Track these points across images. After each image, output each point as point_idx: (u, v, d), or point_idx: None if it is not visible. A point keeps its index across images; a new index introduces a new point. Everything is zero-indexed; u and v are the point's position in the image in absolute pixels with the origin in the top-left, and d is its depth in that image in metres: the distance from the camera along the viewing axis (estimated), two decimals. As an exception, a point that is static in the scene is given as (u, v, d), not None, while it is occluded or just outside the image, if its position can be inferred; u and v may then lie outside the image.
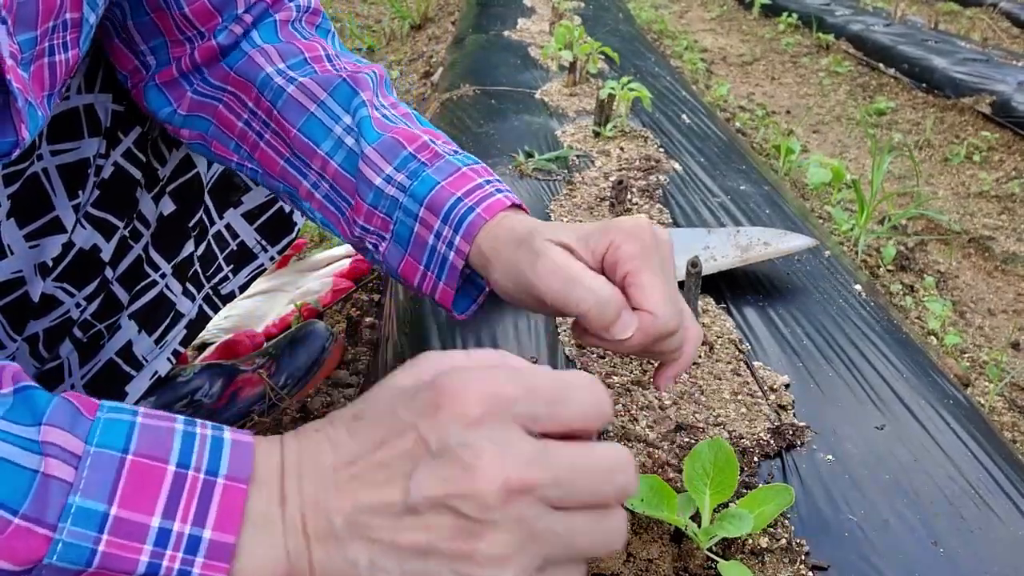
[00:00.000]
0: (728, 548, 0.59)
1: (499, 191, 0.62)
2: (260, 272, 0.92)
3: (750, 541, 0.59)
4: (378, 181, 0.62)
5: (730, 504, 0.58)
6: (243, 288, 0.91)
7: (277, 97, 0.65)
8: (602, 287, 0.53)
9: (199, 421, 0.39)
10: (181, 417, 0.39)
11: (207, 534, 0.35)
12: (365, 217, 0.64)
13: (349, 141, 0.64)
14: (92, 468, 0.34)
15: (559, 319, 0.86)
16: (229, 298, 0.90)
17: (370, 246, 0.65)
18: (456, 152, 0.65)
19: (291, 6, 0.70)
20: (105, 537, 0.34)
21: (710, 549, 0.57)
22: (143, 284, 0.78)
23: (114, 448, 0.35)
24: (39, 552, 0.33)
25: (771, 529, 0.60)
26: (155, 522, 0.34)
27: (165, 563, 0.34)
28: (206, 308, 0.87)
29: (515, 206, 0.61)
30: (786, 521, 0.62)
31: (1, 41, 0.44)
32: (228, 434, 0.38)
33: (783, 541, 0.59)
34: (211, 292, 0.87)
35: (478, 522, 0.34)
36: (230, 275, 0.89)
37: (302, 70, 0.66)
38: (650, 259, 0.54)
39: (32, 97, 0.49)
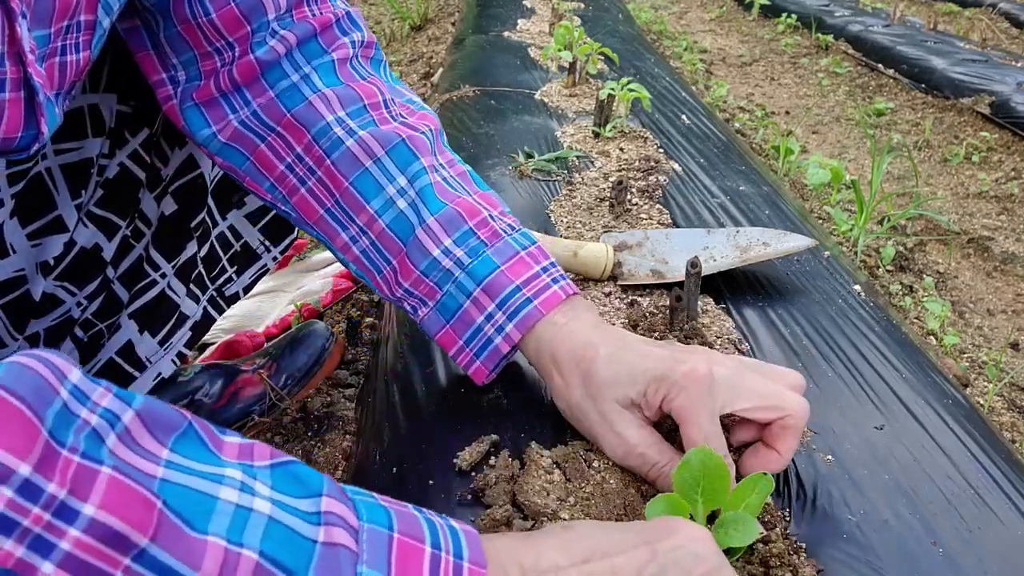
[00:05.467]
0: (727, 550, 0.59)
1: (555, 281, 0.65)
2: (264, 273, 0.92)
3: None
4: (436, 252, 0.64)
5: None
6: (247, 289, 0.91)
7: (334, 148, 0.65)
8: (668, 466, 0.59)
9: (425, 509, 0.43)
10: (409, 504, 0.42)
11: None
12: (413, 282, 0.65)
13: (401, 203, 0.65)
14: (369, 542, 0.37)
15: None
16: (234, 300, 0.90)
17: (408, 307, 0.67)
18: (512, 229, 0.67)
19: (346, 42, 0.69)
20: None
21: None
22: (143, 284, 0.78)
23: (382, 526, 0.38)
24: None
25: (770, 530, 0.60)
26: None
27: None
28: (211, 310, 0.87)
29: (571, 296, 0.65)
30: (785, 520, 0.62)
31: (23, 35, 0.44)
32: (455, 523, 0.42)
33: (780, 542, 0.59)
34: (215, 294, 0.87)
35: None
36: (234, 276, 0.89)
37: (361, 119, 0.66)
38: (699, 412, 0.57)
39: (50, 93, 0.50)
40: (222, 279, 0.88)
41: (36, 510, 0.28)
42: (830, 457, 0.68)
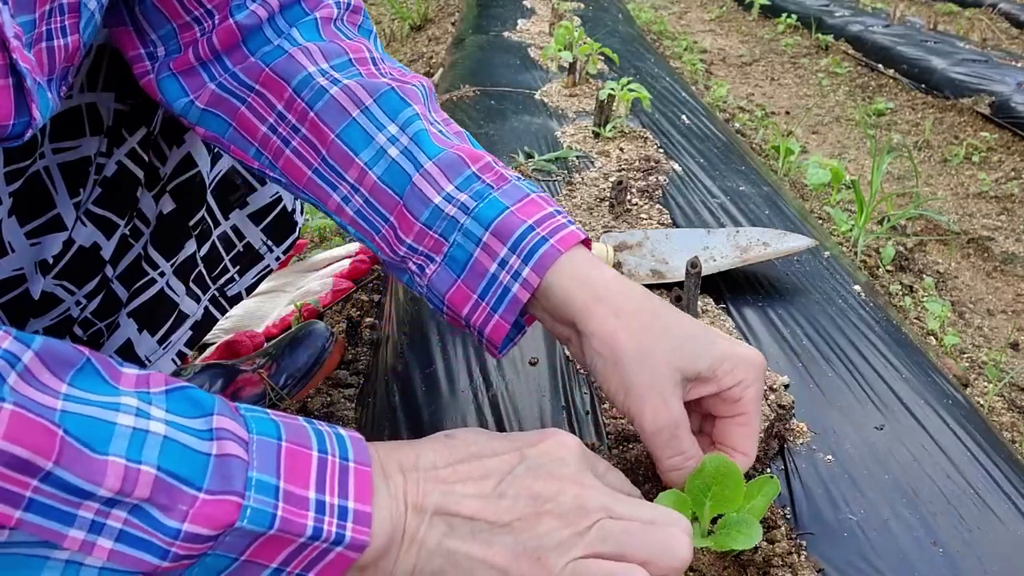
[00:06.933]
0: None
1: (571, 222, 0.59)
2: (267, 273, 0.92)
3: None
4: (437, 199, 0.58)
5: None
6: (250, 290, 0.91)
7: (317, 98, 0.60)
8: (694, 459, 0.57)
9: (316, 421, 0.47)
10: (300, 417, 0.46)
11: (351, 505, 0.43)
12: (415, 237, 0.59)
13: (393, 152, 0.59)
14: (258, 451, 0.41)
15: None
16: (236, 300, 0.89)
17: (414, 267, 0.60)
18: (519, 177, 0.62)
19: (331, 3, 0.66)
20: (281, 504, 0.40)
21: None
22: (142, 282, 0.78)
23: (270, 436, 0.43)
24: (232, 517, 0.39)
25: (771, 530, 0.60)
26: (312, 495, 0.41)
27: (326, 527, 0.41)
28: (212, 310, 0.86)
29: (587, 240, 0.60)
30: (785, 520, 0.62)
31: (5, 21, 0.44)
32: (343, 431, 0.46)
33: (782, 542, 0.59)
34: (217, 294, 0.87)
35: (551, 512, 0.46)
36: (236, 276, 0.89)
37: (347, 71, 0.62)
38: (760, 404, 0.59)
39: (40, 78, 0.49)
40: (224, 279, 0.87)
41: None
42: (830, 457, 0.68)
